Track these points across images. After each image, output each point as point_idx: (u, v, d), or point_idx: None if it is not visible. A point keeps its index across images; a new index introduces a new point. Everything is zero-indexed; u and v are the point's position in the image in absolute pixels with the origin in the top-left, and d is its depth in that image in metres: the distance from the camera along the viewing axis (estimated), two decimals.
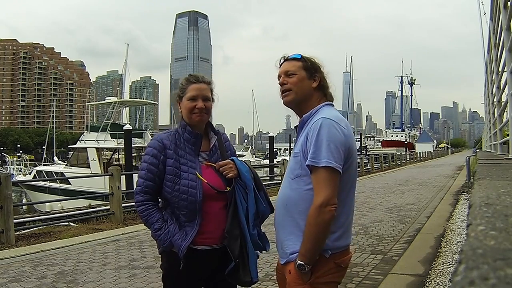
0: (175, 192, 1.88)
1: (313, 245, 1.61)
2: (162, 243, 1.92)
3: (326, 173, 1.59)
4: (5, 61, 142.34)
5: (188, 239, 1.87)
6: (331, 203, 1.58)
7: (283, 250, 1.75)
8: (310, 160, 1.61)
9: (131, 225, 7.34)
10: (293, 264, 1.66)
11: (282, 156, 33.87)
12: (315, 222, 1.59)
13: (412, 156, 37.02)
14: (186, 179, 1.89)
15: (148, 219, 1.94)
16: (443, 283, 3.74)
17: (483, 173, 1.95)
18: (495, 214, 0.74)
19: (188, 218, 1.89)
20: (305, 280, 1.63)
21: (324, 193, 1.58)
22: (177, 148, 1.94)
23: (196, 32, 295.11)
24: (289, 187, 1.73)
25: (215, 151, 2.04)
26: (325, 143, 1.60)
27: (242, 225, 1.92)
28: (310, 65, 1.79)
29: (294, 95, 1.78)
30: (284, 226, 1.74)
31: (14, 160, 31.84)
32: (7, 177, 6.05)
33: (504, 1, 3.98)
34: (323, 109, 1.76)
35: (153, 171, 1.91)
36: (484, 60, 11.12)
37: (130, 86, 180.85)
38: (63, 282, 4.00)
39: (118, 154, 20.55)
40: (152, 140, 2.00)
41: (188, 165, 1.92)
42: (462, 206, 8.14)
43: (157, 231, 1.92)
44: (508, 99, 4.10)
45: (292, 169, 1.73)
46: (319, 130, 1.62)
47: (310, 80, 1.78)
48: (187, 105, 1.96)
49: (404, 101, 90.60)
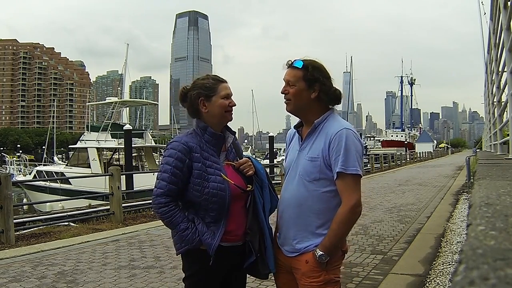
0: (204, 196, 1.87)
1: (339, 240, 1.83)
2: (191, 242, 1.89)
3: (354, 179, 1.80)
4: (5, 61, 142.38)
5: (216, 238, 1.88)
6: (360, 204, 1.82)
7: (293, 245, 1.90)
8: (340, 167, 1.77)
9: (131, 225, 7.34)
10: (310, 255, 1.83)
11: (282, 156, 33.84)
12: (347, 220, 1.80)
13: (412, 156, 37.01)
14: (215, 182, 1.89)
15: (172, 220, 1.90)
16: (443, 283, 3.74)
17: (483, 173, 1.95)
18: (495, 214, 0.74)
19: (215, 219, 1.90)
20: (322, 268, 1.82)
21: (355, 196, 1.79)
22: (202, 150, 1.94)
23: (196, 32, 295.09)
24: (305, 189, 1.86)
25: (231, 151, 2.07)
26: (353, 153, 1.79)
27: (260, 220, 1.98)
28: (310, 75, 1.85)
29: (292, 105, 1.91)
30: (297, 223, 1.88)
31: (13, 160, 31.88)
32: (7, 177, 6.05)
33: (504, 1, 3.98)
34: (334, 117, 1.90)
35: (178, 175, 1.88)
36: (484, 60, 11.12)
37: (130, 86, 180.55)
38: (63, 282, 4.00)
39: (118, 154, 20.57)
40: (175, 142, 1.95)
41: (213, 167, 1.92)
42: (462, 206, 8.14)
43: (184, 230, 1.89)
44: (508, 99, 4.10)
45: (309, 172, 1.85)
46: (346, 140, 1.79)
47: (309, 91, 1.86)
48: (222, 103, 1.96)
49: (404, 101, 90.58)
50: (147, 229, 6.65)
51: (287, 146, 2.10)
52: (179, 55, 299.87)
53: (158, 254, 5.02)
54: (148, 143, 21.03)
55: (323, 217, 1.84)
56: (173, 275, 4.15)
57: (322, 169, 1.82)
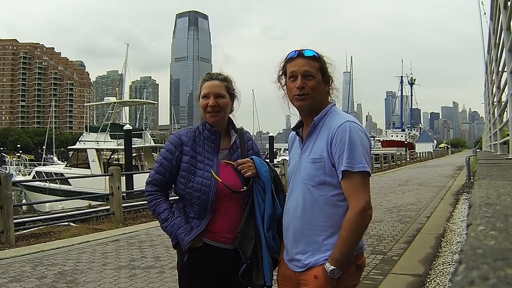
0: (187, 189, 1.87)
1: (351, 250, 1.59)
2: (170, 234, 1.92)
3: (362, 178, 1.58)
4: (5, 61, 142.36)
5: (192, 235, 1.85)
6: (370, 206, 1.59)
7: (301, 259, 1.68)
8: (346, 165, 1.56)
9: (131, 225, 7.34)
10: (320, 270, 1.60)
11: (282, 156, 33.83)
12: (357, 227, 1.57)
13: (412, 156, 37.02)
14: (201, 177, 1.87)
15: (155, 209, 1.95)
16: (443, 283, 3.74)
17: (483, 173, 1.95)
18: (495, 214, 0.74)
19: (197, 215, 1.88)
20: (333, 285, 1.59)
21: (364, 197, 1.57)
22: (195, 145, 1.93)
23: (196, 32, 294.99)
24: (311, 195, 1.65)
25: (235, 149, 2.00)
26: (359, 148, 1.57)
27: (257, 226, 1.87)
28: (325, 66, 1.69)
29: (311, 100, 1.66)
30: (305, 235, 1.67)
31: (13, 160, 31.85)
32: (7, 177, 6.05)
33: (504, 1, 3.98)
34: (335, 111, 1.71)
35: (165, 165, 1.93)
36: (484, 60, 11.12)
37: (130, 86, 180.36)
38: (63, 282, 4.00)
39: (118, 154, 20.55)
40: (171, 135, 2.03)
41: (204, 163, 1.90)
42: (462, 206, 8.14)
43: (163, 222, 1.92)
44: (508, 99, 4.10)
45: (312, 176, 1.64)
46: (350, 135, 1.58)
47: (325, 85, 1.70)
48: (201, 103, 1.95)
49: (404, 101, 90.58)
50: (147, 229, 6.65)
51: (289, 152, 1.90)
52: (179, 55, 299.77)
53: (158, 254, 5.02)
54: (147, 143, 21.03)
55: (333, 226, 1.61)
56: (173, 275, 4.14)
57: (327, 170, 1.61)
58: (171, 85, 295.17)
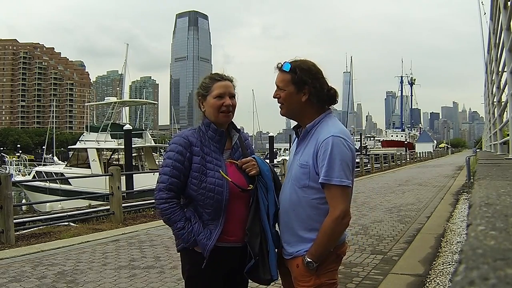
0: (201, 190, 1.86)
1: (325, 249, 1.78)
2: (186, 241, 1.88)
3: (339, 190, 1.73)
4: (5, 61, 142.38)
5: (213, 238, 1.85)
6: (346, 215, 1.74)
7: (286, 248, 1.89)
8: (324, 178, 1.72)
9: (131, 225, 7.34)
10: (300, 260, 1.80)
11: (282, 156, 33.83)
12: (331, 232, 1.74)
13: (412, 156, 37.02)
14: (213, 177, 1.87)
15: (171, 217, 1.87)
16: (443, 283, 3.74)
17: (483, 173, 1.95)
18: (495, 214, 0.74)
19: (212, 217, 1.88)
20: (312, 273, 1.79)
21: (340, 207, 1.72)
22: (202, 145, 1.92)
23: (196, 32, 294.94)
24: (296, 194, 1.83)
25: (236, 149, 2.03)
26: (337, 162, 1.71)
27: (263, 223, 1.91)
28: (298, 78, 1.79)
29: (285, 109, 1.88)
30: (289, 227, 1.87)
31: (13, 160, 31.84)
32: (7, 177, 6.05)
33: (504, 1, 3.98)
34: (327, 121, 1.83)
35: (179, 168, 1.88)
36: (484, 60, 11.13)
37: (130, 86, 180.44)
38: (63, 282, 4.00)
39: (118, 154, 20.54)
40: (176, 137, 1.97)
41: (213, 163, 1.90)
42: (462, 206, 8.14)
43: (180, 230, 1.87)
44: (508, 99, 4.10)
45: (299, 179, 1.82)
46: (332, 149, 1.72)
47: (299, 95, 1.82)
48: (214, 103, 1.92)
49: (404, 101, 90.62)
50: (147, 229, 6.65)
51: (290, 147, 2.07)
52: (179, 55, 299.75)
53: (158, 254, 5.02)
54: (147, 143, 21.02)
55: (313, 224, 1.79)
56: (173, 275, 4.15)
57: (312, 176, 1.77)
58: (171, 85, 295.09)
